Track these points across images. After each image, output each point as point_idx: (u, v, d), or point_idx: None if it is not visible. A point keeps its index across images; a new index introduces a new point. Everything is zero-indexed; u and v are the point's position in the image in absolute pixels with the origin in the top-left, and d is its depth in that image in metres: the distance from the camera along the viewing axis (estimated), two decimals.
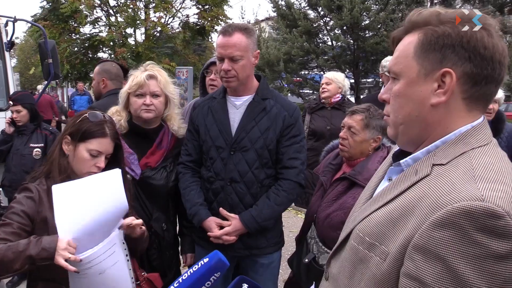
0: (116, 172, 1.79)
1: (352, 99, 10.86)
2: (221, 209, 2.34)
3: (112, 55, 17.31)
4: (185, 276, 1.29)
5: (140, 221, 1.87)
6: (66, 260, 1.58)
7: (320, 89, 4.90)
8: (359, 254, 1.05)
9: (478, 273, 0.82)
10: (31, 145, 4.20)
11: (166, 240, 2.45)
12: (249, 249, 2.40)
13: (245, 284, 1.20)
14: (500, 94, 3.77)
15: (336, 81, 4.77)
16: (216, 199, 2.38)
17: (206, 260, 1.30)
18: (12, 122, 4.20)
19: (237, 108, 2.39)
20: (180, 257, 2.68)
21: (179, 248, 2.67)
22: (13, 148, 4.22)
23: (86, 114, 1.94)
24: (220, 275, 1.31)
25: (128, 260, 1.86)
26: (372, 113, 2.30)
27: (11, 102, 4.17)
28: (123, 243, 1.85)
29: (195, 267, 1.29)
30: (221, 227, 2.32)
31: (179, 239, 2.68)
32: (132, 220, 1.84)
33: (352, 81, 10.65)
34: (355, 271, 1.06)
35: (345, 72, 10.51)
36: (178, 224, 2.68)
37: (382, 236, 0.99)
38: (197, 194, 2.40)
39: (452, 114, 1.00)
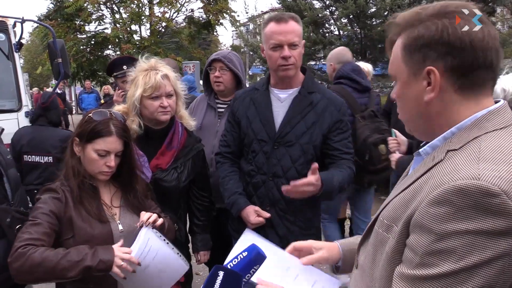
0: None
1: None
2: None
3: (118, 52, 17.34)
4: None
5: (152, 216, 1.91)
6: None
7: None
8: (379, 237, 1.12)
9: (468, 247, 0.86)
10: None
11: (178, 240, 2.43)
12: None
13: (221, 271, 1.21)
14: None
15: (371, 74, 4.94)
16: (256, 193, 2.34)
17: (245, 254, 1.32)
18: None
19: (281, 101, 2.33)
20: (192, 255, 2.67)
21: (189, 246, 2.68)
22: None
23: (91, 114, 1.93)
24: (258, 268, 1.33)
25: (167, 243, 1.93)
26: None
27: None
28: (155, 232, 1.90)
29: (235, 261, 1.30)
30: (259, 216, 2.28)
31: (190, 237, 2.67)
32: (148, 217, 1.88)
33: None
34: (376, 253, 1.12)
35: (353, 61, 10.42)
36: (188, 222, 2.67)
37: (396, 217, 1.04)
38: (236, 183, 2.37)
39: (449, 106, 1.03)
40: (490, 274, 0.85)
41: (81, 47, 17.74)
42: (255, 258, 1.32)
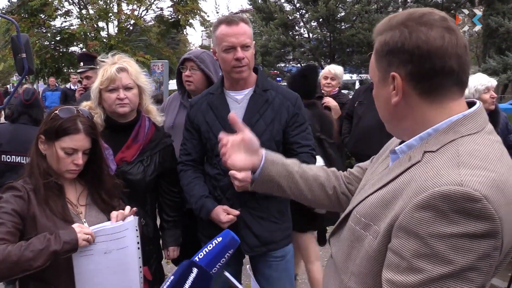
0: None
1: None
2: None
3: (84, 49, 16.94)
4: (200, 255, 1.31)
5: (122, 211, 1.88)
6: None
7: (324, 81, 4.98)
8: (355, 233, 1.14)
9: (453, 250, 0.90)
10: None
11: (145, 235, 2.39)
12: (266, 245, 2.37)
13: (195, 268, 1.21)
14: (493, 81, 3.66)
15: (340, 76, 4.97)
16: (225, 196, 2.34)
17: (219, 239, 1.35)
18: None
19: (238, 102, 2.36)
20: (162, 251, 2.64)
21: (160, 242, 2.63)
22: None
23: (57, 111, 1.87)
24: (232, 252, 1.36)
25: (138, 249, 1.87)
26: None
27: None
28: (136, 230, 1.86)
29: (210, 246, 1.32)
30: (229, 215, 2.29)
31: (160, 233, 2.63)
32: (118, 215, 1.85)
33: None
34: (352, 249, 1.15)
35: (322, 64, 10.59)
36: (158, 218, 2.63)
37: (375, 216, 1.08)
38: (201, 188, 2.37)
39: (415, 109, 1.09)
40: (475, 275, 0.90)
41: (45, 42, 17.23)
42: (230, 243, 1.34)
